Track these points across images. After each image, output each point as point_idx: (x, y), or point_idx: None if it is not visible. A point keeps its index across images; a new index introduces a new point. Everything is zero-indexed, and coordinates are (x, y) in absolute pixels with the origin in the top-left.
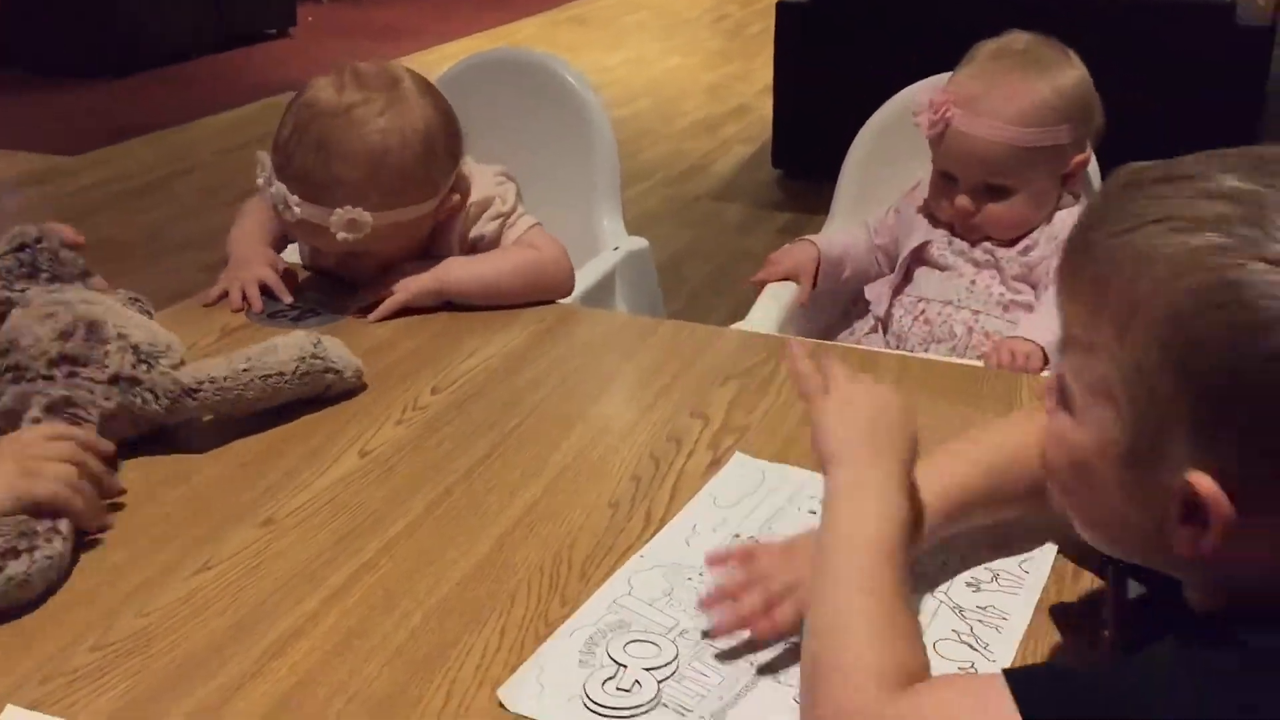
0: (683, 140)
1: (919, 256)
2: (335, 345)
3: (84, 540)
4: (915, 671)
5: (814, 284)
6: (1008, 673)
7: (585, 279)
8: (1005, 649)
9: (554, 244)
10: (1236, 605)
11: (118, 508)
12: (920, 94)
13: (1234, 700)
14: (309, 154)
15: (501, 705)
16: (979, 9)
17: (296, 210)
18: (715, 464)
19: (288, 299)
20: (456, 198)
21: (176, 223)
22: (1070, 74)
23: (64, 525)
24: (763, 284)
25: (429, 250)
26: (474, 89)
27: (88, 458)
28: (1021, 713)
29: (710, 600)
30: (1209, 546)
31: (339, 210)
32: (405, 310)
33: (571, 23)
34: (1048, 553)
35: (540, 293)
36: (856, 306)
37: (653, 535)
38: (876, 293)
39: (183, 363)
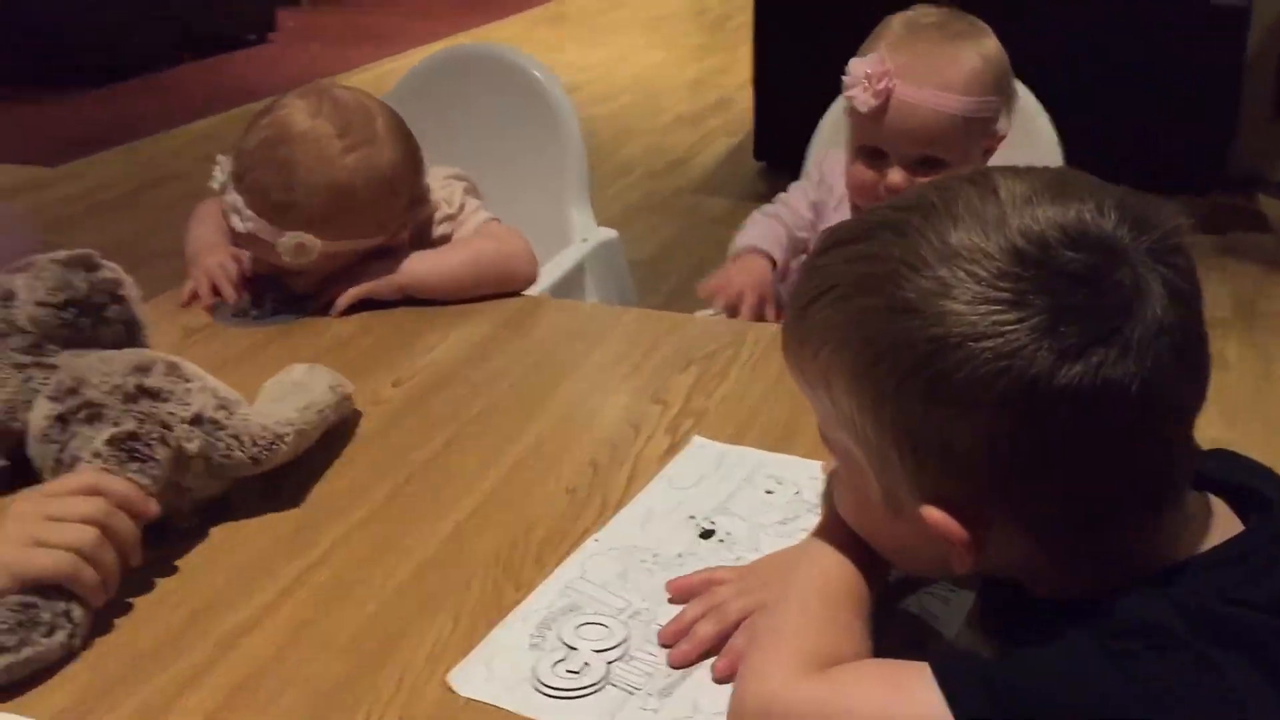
0: (664, 135)
1: None
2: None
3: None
4: (845, 659)
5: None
6: (934, 663)
7: (553, 271)
8: (953, 621)
9: (513, 234)
10: (1072, 591)
11: None
12: (852, 69)
13: (1139, 676)
14: (272, 172)
15: (452, 690)
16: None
17: (247, 224)
18: (673, 448)
19: (234, 296)
20: (405, 235)
21: (154, 232)
22: (990, 43)
23: (76, 610)
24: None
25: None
26: (442, 84)
27: (117, 518)
28: (950, 704)
29: (668, 634)
30: (971, 562)
31: (290, 234)
32: (366, 305)
33: (551, 21)
34: None
35: (503, 283)
36: None
37: (609, 520)
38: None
39: None
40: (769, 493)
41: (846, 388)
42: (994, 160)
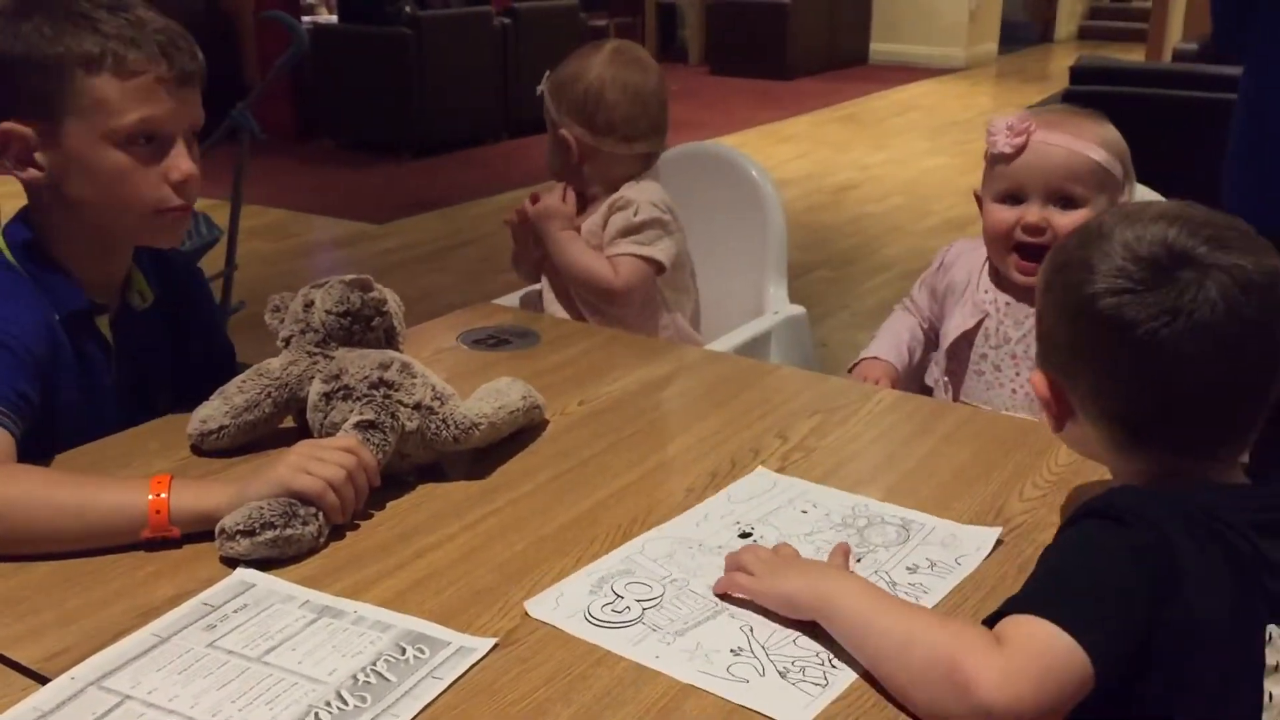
0: (929, 238)
1: (957, 352)
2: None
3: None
4: (970, 630)
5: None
6: (1074, 632)
7: (742, 334)
8: None
9: (630, 281)
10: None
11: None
12: (993, 123)
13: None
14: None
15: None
16: None
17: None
18: (781, 472)
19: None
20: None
21: (453, 288)
22: (1113, 128)
23: (322, 518)
24: None
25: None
26: (682, 173)
27: (357, 472)
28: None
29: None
30: (1054, 426)
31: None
32: (574, 337)
33: (842, 121)
34: (981, 553)
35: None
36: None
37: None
38: (934, 379)
39: None
40: (804, 512)
41: (1041, 293)
42: None
